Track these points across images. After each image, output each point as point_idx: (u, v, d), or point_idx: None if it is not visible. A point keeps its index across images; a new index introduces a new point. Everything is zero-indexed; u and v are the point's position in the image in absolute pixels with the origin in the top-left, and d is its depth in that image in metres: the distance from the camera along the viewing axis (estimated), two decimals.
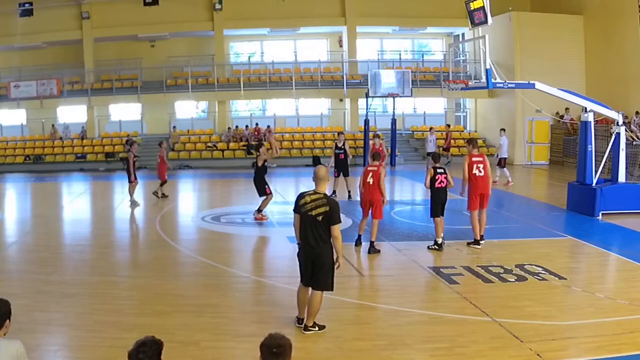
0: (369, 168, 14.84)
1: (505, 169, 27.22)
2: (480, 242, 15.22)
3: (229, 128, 39.72)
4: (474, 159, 15.23)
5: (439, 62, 42.58)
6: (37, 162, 37.01)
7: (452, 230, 16.86)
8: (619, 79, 32.70)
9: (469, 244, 15.33)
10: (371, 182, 14.61)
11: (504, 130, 28.77)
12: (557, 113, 33.42)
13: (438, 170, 14.98)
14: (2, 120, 40.77)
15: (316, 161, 35.47)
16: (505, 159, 27.41)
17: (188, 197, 25.48)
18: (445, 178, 15.00)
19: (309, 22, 40.65)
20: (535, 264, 13.31)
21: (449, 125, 39.03)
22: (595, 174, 19.31)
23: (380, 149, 22.15)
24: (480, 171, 15.11)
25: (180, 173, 33.83)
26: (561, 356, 8.66)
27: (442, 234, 15.14)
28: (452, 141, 37.35)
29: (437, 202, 15.10)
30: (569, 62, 35.26)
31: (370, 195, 14.74)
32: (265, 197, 19.10)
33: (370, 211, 14.96)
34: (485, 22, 18.37)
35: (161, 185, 24.31)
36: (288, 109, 42.42)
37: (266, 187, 19.09)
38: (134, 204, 22.48)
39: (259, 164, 18.98)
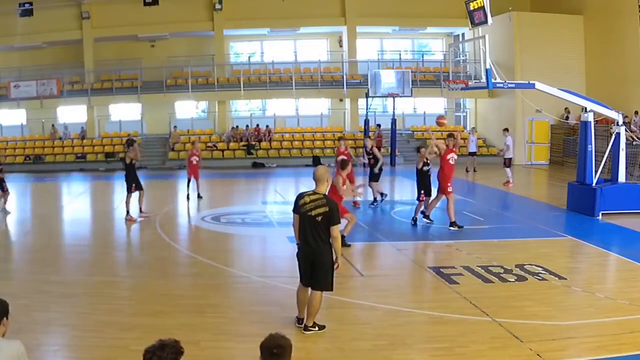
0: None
1: (508, 169, 27.13)
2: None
3: (232, 128, 39.70)
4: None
5: (439, 62, 42.55)
6: (36, 162, 36.96)
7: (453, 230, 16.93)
8: (619, 78, 32.70)
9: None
10: None
11: (507, 130, 28.64)
12: (567, 118, 33.43)
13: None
14: (2, 120, 40.73)
15: (316, 161, 35.44)
16: (509, 159, 27.30)
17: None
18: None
19: (309, 22, 40.65)
20: (535, 264, 13.29)
21: (379, 125, 38.42)
22: (595, 174, 19.29)
23: (346, 152, 21.47)
24: None
25: (180, 173, 33.76)
26: (561, 356, 8.64)
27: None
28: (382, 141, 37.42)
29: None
30: (569, 62, 35.25)
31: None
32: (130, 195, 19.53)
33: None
34: (485, 22, 18.37)
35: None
36: (288, 109, 42.42)
37: (134, 185, 19.45)
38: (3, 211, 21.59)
39: (127, 162, 19.32)
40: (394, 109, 36.86)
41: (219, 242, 16.83)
